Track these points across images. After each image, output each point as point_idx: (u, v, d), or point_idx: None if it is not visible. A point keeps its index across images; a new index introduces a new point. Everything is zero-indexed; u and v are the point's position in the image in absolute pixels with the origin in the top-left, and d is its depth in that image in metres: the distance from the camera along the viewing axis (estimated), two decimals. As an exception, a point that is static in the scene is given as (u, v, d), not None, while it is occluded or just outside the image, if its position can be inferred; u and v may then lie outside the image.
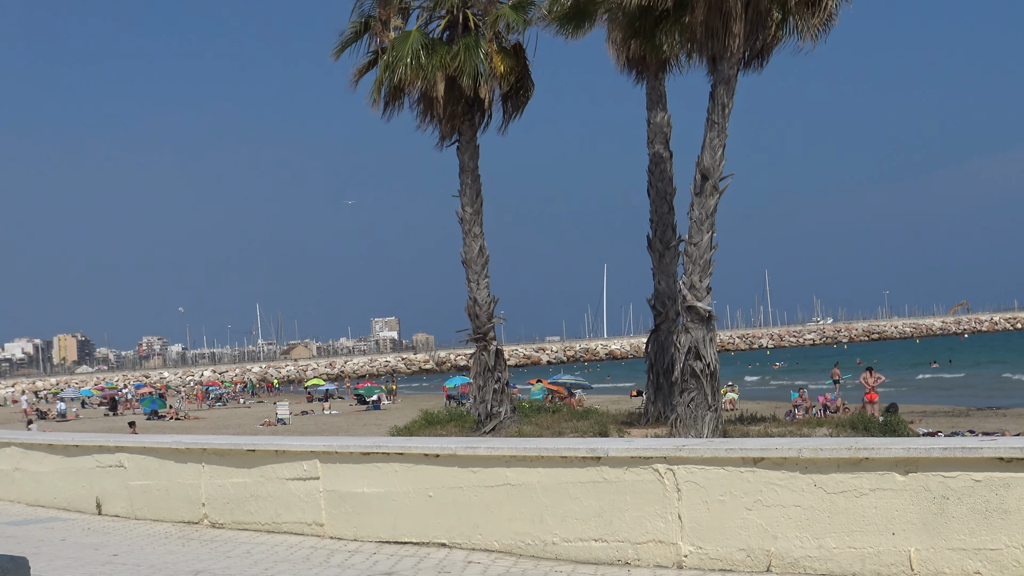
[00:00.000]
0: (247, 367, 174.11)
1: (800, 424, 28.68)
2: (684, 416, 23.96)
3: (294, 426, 53.53)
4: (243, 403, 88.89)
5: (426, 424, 33.12)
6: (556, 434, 27.57)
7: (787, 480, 9.21)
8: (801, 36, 25.15)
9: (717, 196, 24.21)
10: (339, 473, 12.54)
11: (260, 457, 13.57)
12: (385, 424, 43.62)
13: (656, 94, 31.57)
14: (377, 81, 31.23)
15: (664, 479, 9.86)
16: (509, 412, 31.21)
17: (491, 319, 31.74)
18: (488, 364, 31.40)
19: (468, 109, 31.56)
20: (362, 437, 16.75)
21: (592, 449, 10.38)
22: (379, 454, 12.14)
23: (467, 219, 31.51)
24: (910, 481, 8.64)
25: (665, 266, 30.86)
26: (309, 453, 12.93)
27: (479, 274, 31.61)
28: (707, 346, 24.06)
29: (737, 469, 9.47)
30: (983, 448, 8.37)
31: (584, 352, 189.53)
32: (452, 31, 31.60)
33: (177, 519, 14.74)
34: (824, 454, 9.03)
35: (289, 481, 13.11)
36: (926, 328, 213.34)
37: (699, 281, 24.22)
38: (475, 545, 11.17)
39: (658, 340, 31.02)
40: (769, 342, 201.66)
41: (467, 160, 31.57)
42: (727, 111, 24.17)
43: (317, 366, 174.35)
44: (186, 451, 14.74)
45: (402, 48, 30.33)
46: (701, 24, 23.85)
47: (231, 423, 58.72)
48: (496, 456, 11.07)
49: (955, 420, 40.35)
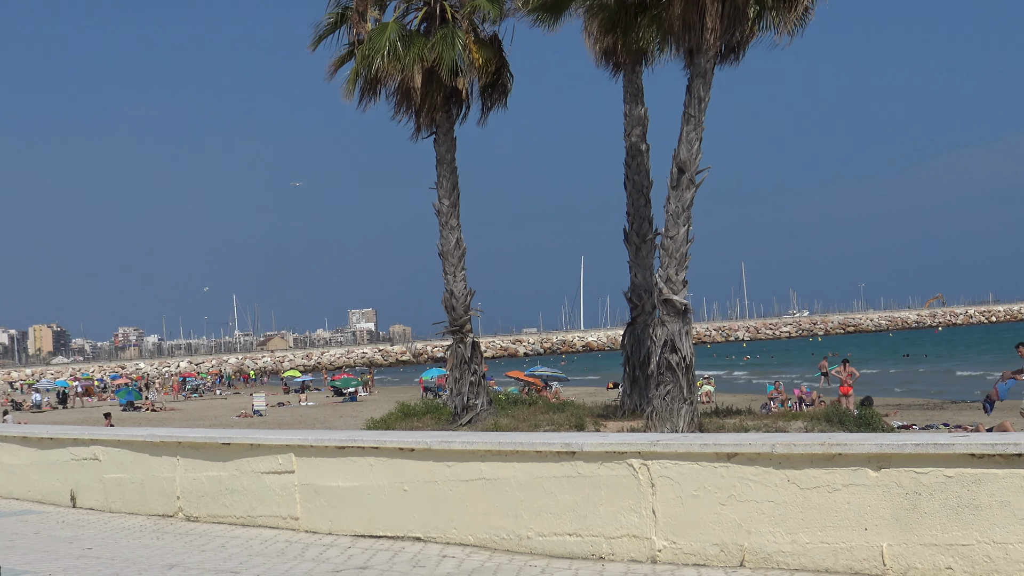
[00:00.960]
0: (224, 358, 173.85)
1: (775, 417, 28.76)
2: (660, 409, 23.96)
3: (270, 418, 53.38)
4: (219, 394, 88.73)
5: (402, 416, 33.10)
6: (532, 427, 27.59)
7: (761, 475, 9.24)
8: (778, 30, 25.15)
9: (694, 189, 24.21)
10: (314, 467, 12.54)
11: (235, 450, 13.55)
12: (362, 416, 43.57)
13: (633, 87, 31.57)
14: (353, 72, 31.13)
15: (638, 474, 9.88)
16: (485, 404, 31.20)
17: (468, 311, 31.73)
18: (465, 356, 31.39)
19: (445, 101, 31.51)
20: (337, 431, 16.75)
21: (567, 444, 10.40)
22: (354, 448, 12.13)
23: (444, 211, 31.47)
24: (883, 477, 8.68)
25: (642, 259, 30.89)
26: (284, 447, 12.92)
27: (456, 266, 31.58)
28: (683, 339, 24.07)
29: (711, 464, 9.50)
30: (955, 444, 8.41)
31: (561, 344, 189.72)
32: (429, 23, 31.55)
33: (152, 512, 14.71)
34: (797, 449, 9.07)
35: (264, 475, 13.10)
36: (901, 321, 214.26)
37: (675, 274, 24.22)
38: (450, 539, 11.18)
39: (634, 333, 31.05)
40: (745, 335, 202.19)
41: (444, 152, 31.53)
42: (704, 105, 24.16)
43: (294, 357, 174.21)
44: (161, 444, 14.72)
45: (379, 40, 30.25)
46: (678, 17, 23.83)
47: (207, 414, 58.59)
48: (471, 451, 11.08)
49: (929, 413, 40.50)
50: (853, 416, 28.07)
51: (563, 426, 27.38)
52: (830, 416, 27.43)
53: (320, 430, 25.69)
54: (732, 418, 28.09)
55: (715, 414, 30.20)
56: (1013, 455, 8.15)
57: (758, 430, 24.33)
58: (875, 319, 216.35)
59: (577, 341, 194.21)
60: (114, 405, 68.15)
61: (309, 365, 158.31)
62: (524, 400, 37.50)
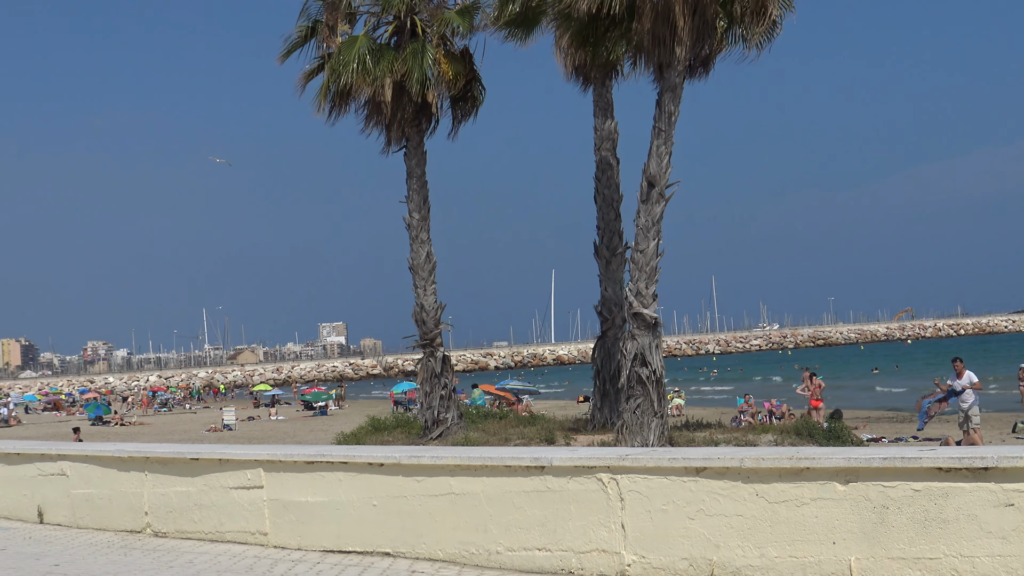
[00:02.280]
0: (193, 372, 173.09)
1: (746, 430, 28.80)
2: (630, 422, 23.98)
3: (240, 432, 53.17)
4: (189, 408, 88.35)
5: (373, 431, 33.02)
6: (503, 440, 27.57)
7: (729, 489, 9.26)
8: (746, 45, 25.26)
9: (663, 203, 24.28)
10: (283, 482, 12.50)
11: (204, 466, 13.49)
12: (332, 430, 43.45)
13: (603, 101, 31.64)
14: (324, 86, 31.10)
15: (608, 488, 9.88)
16: (456, 418, 31.14)
17: (438, 325, 31.68)
18: (435, 370, 31.32)
19: (416, 115, 31.48)
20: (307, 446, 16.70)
21: (536, 458, 10.39)
22: (323, 463, 12.10)
23: (414, 225, 31.44)
24: (851, 491, 8.71)
25: (612, 272, 30.92)
26: (253, 462, 12.88)
27: (426, 280, 31.55)
28: (653, 353, 24.11)
29: (680, 478, 9.52)
30: (922, 458, 8.45)
31: (532, 358, 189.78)
32: (399, 36, 31.51)
33: (120, 528, 14.63)
34: (766, 463, 9.09)
35: (233, 490, 13.05)
36: (871, 334, 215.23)
37: (645, 288, 24.26)
38: (419, 554, 11.15)
39: (605, 346, 31.07)
40: (716, 348, 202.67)
41: (414, 166, 31.50)
42: (673, 119, 24.24)
43: (264, 371, 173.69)
44: (129, 459, 14.64)
45: (349, 53, 30.22)
46: (648, 32, 23.91)
47: (177, 429, 58.29)
48: (440, 465, 11.06)
49: (899, 426, 40.62)
50: (823, 429, 28.17)
51: (534, 440, 27.36)
52: (800, 429, 27.50)
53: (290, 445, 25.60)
54: (702, 431, 28.13)
55: (685, 427, 30.26)
56: (980, 469, 8.20)
57: (728, 443, 24.38)
58: (845, 332, 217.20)
59: (548, 354, 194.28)
60: (83, 419, 67.78)
61: (279, 379, 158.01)
62: (495, 414, 37.47)
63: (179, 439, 47.28)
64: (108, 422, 65.84)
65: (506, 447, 18.02)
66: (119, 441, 26.68)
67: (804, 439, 25.96)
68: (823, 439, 26.25)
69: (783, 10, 24.60)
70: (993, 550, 8.15)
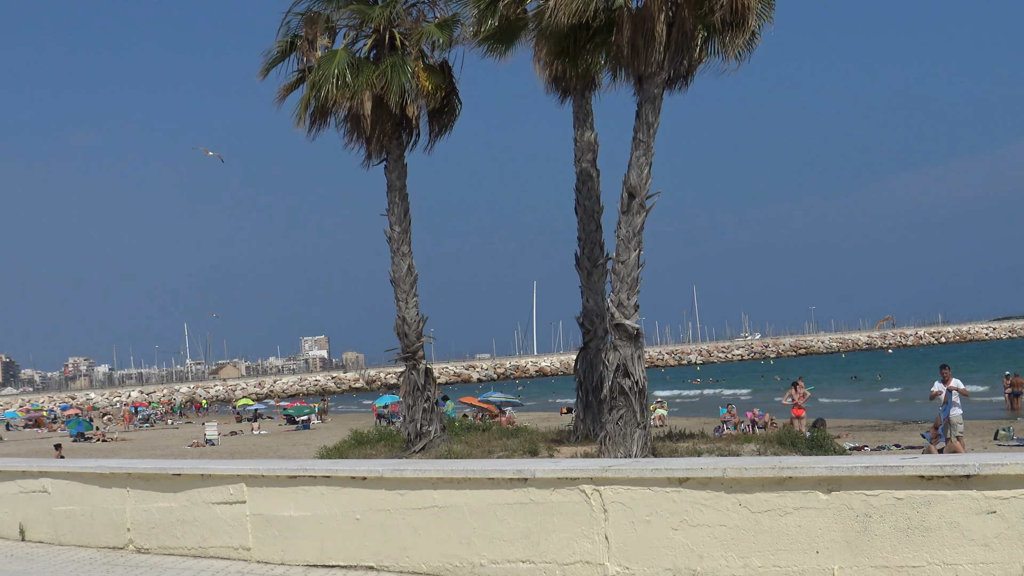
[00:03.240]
0: (175, 387, 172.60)
1: (728, 440, 28.83)
2: (613, 434, 24.00)
3: (223, 447, 53.05)
4: (171, 424, 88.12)
5: (356, 444, 32.98)
6: (486, 453, 27.56)
7: (712, 500, 9.25)
8: (725, 56, 25.36)
9: (644, 214, 24.32)
10: (266, 497, 12.46)
11: (186, 481, 13.45)
12: (314, 444, 43.37)
13: (583, 113, 31.69)
14: (303, 100, 31.10)
15: (591, 500, 9.87)
16: (439, 431, 31.12)
17: (420, 338, 31.66)
18: (418, 383, 31.30)
19: (396, 128, 31.50)
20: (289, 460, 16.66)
21: (519, 471, 10.38)
22: (306, 477, 12.07)
23: (395, 238, 31.44)
24: (833, 500, 8.71)
25: (593, 284, 30.94)
26: (235, 477, 12.84)
27: (408, 293, 31.54)
28: (635, 363, 24.13)
29: (663, 489, 9.51)
30: (904, 466, 8.45)
31: (514, 369, 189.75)
32: (379, 50, 31.55)
33: (102, 544, 14.57)
34: (748, 473, 9.08)
35: (215, 505, 13.01)
36: (852, 343, 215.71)
37: (627, 299, 24.30)
38: (403, 568, 11.13)
39: (587, 358, 31.08)
40: (698, 358, 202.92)
41: (395, 179, 31.51)
42: (653, 130, 24.30)
43: (246, 386, 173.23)
44: (111, 475, 14.59)
45: (328, 67, 30.24)
46: (627, 43, 23.97)
47: (159, 444, 58.14)
48: (423, 479, 11.04)
49: (881, 434, 40.71)
50: (805, 438, 28.19)
51: (517, 452, 27.35)
52: (782, 439, 27.51)
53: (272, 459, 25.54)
54: (685, 442, 28.15)
55: (668, 438, 30.29)
56: (962, 476, 8.20)
57: (711, 454, 24.39)
58: (826, 341, 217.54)
59: (530, 366, 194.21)
60: (64, 436, 67.54)
61: (262, 393, 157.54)
62: (478, 426, 37.46)
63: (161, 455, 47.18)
64: (90, 438, 65.60)
65: (489, 459, 18.01)
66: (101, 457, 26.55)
67: (787, 448, 25.99)
68: (806, 448, 26.27)
69: (762, 21, 24.71)
70: (976, 557, 8.15)
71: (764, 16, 24.85)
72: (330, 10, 31.60)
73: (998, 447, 32.70)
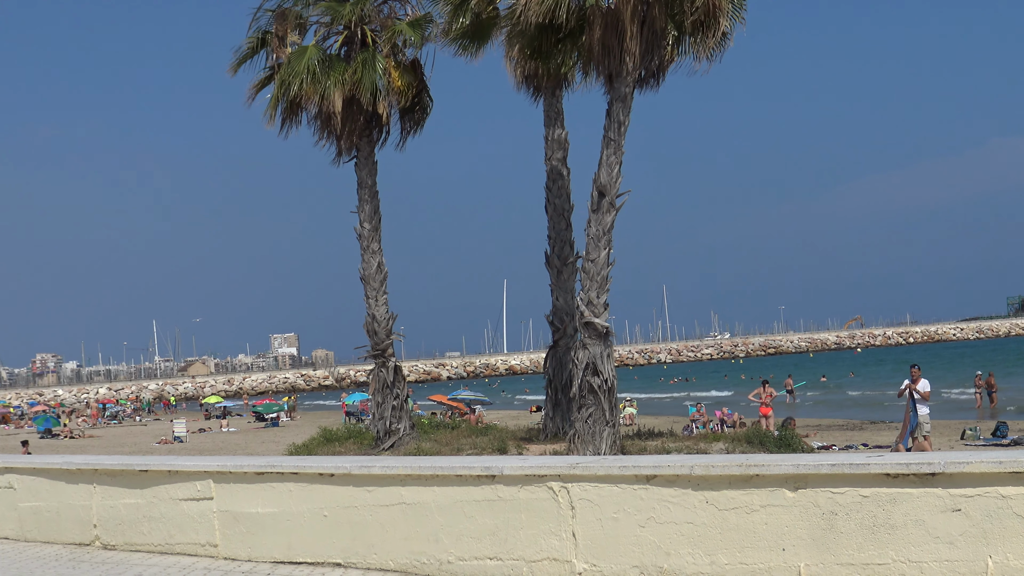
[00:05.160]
0: (143, 384, 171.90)
1: (697, 439, 28.92)
2: (582, 432, 24.04)
3: (191, 444, 52.88)
4: (139, 421, 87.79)
5: (325, 442, 32.96)
6: (455, 451, 27.58)
7: (679, 497, 9.28)
8: (696, 56, 25.45)
9: (614, 213, 24.37)
10: (233, 493, 12.42)
11: (153, 477, 13.40)
12: (283, 442, 43.29)
13: (554, 111, 31.73)
14: (274, 97, 31.06)
15: (558, 497, 9.88)
16: (408, 429, 31.13)
17: (390, 336, 31.67)
18: (387, 381, 31.30)
19: (366, 125, 31.49)
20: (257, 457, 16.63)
21: (487, 468, 10.38)
22: (274, 474, 12.04)
23: (365, 235, 31.42)
24: (800, 497, 8.74)
25: (563, 282, 30.98)
26: (203, 473, 12.80)
27: (377, 290, 31.53)
28: (605, 362, 24.18)
29: (630, 486, 9.53)
30: (870, 464, 8.49)
31: (484, 368, 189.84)
32: (350, 47, 31.54)
33: (68, 541, 14.50)
34: (716, 471, 9.11)
35: (182, 501, 12.96)
36: (821, 343, 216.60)
37: (596, 297, 24.34)
38: (370, 565, 11.11)
39: (556, 356, 31.13)
40: (667, 357, 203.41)
41: (365, 176, 31.49)
42: (623, 128, 24.35)
43: (215, 383, 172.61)
44: (77, 472, 14.52)
45: (299, 64, 30.21)
46: (598, 42, 24.01)
47: (127, 441, 57.89)
48: (391, 475, 11.03)
49: (849, 434, 40.87)
50: (774, 437, 28.31)
51: (486, 450, 27.39)
52: (751, 437, 27.65)
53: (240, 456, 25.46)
54: (654, 440, 28.23)
55: (637, 436, 30.36)
56: (927, 474, 8.25)
57: (680, 452, 24.48)
58: (795, 341, 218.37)
59: (500, 364, 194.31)
60: (32, 433, 67.19)
61: (231, 390, 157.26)
62: (447, 424, 37.46)
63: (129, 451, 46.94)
64: (57, 435, 65.23)
65: (458, 457, 18.01)
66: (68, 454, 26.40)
67: (755, 447, 26.11)
68: (774, 447, 26.39)
69: (732, 22, 24.80)
70: (941, 555, 8.20)
71: (736, 17, 24.94)
72: (301, 6, 31.59)
73: (964, 446, 32.91)
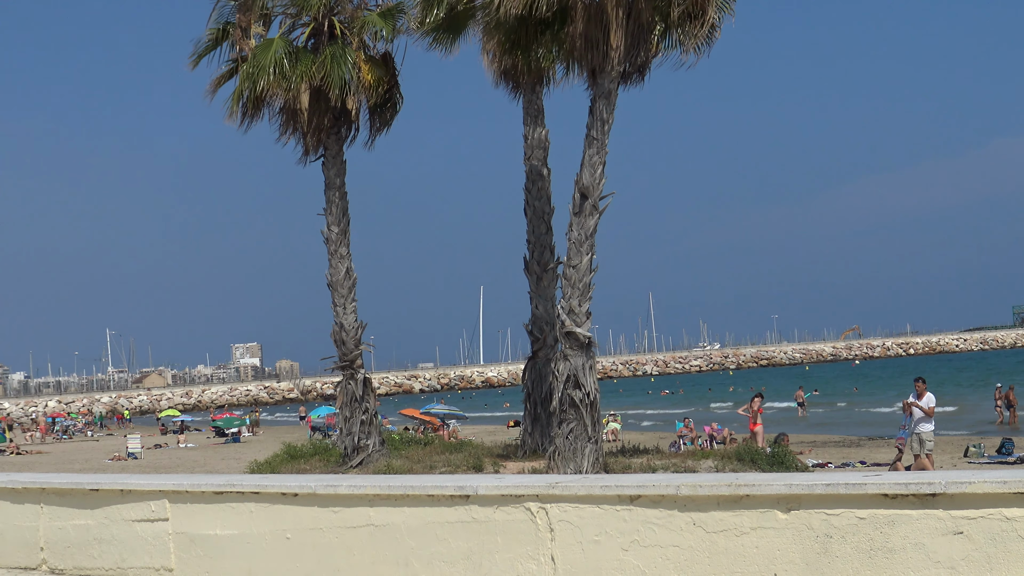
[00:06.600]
0: (96, 397, 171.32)
1: (684, 456, 28.93)
2: (563, 448, 24.00)
3: (146, 461, 52.76)
4: (91, 436, 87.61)
5: (288, 459, 32.84)
6: (427, 468, 27.52)
7: (665, 519, 9.26)
8: (684, 49, 25.42)
9: (597, 216, 24.36)
10: (190, 514, 12.36)
11: (104, 497, 13.32)
12: (245, 458, 43.19)
13: (533, 108, 31.68)
14: (236, 92, 30.95)
15: (536, 518, 9.86)
16: (378, 445, 31.05)
17: (359, 346, 31.59)
18: (355, 394, 31.21)
19: (334, 122, 31.42)
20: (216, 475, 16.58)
21: (460, 487, 10.36)
22: (233, 493, 11.99)
23: (333, 239, 31.36)
24: (792, 519, 8.73)
25: (543, 289, 30.94)
26: (158, 492, 12.74)
27: (346, 298, 31.47)
28: (587, 374, 24.15)
29: (613, 507, 9.51)
30: (867, 484, 8.48)
31: (459, 380, 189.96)
32: (317, 39, 31.44)
33: (12, 565, 14.40)
34: (703, 491, 9.10)
35: (136, 523, 12.89)
36: (816, 354, 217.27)
37: (578, 305, 24.32)
38: (336, 590, 11.07)
39: (536, 368, 31.08)
40: (654, 369, 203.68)
41: (333, 176, 31.43)
42: (607, 127, 24.34)
43: (172, 395, 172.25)
44: (23, 491, 14.42)
45: (264, 57, 30.10)
46: (580, 35, 23.98)
47: (77, 458, 57.68)
48: (358, 495, 10.99)
49: (846, 450, 41.00)
50: (766, 455, 28.34)
51: (460, 467, 27.33)
52: (742, 455, 27.66)
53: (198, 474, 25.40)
54: (639, 457, 28.22)
55: (621, 453, 30.34)
56: (927, 495, 8.24)
57: (666, 470, 24.48)
58: (789, 352, 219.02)
59: (476, 376, 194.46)
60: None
61: (189, 404, 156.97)
62: (419, 440, 37.41)
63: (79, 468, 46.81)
64: (3, 451, 64.99)
65: (430, 475, 17.98)
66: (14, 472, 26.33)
67: (746, 465, 26.12)
68: (766, 465, 26.41)
69: (721, 13, 24.79)
70: (941, 581, 8.21)
71: (725, 8, 24.95)
72: (265, -5, 31.49)
73: (968, 464, 32.99)
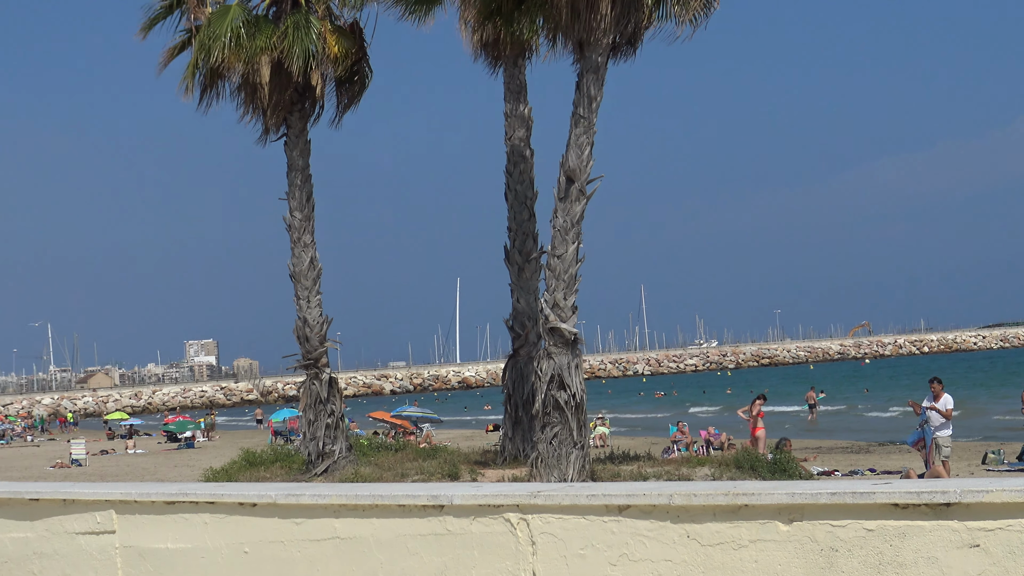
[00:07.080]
0: (36, 398, 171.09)
1: (678, 463, 28.98)
2: (546, 454, 24.01)
3: (92, 468, 52.70)
4: (31, 441, 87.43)
5: (247, 465, 32.85)
6: (399, 476, 27.56)
7: (657, 531, 9.26)
8: (679, 20, 25.40)
9: (584, 201, 24.36)
10: (139, 526, 12.34)
11: (45, 507, 13.29)
12: (199, 465, 43.17)
13: (515, 84, 31.70)
14: (191, 65, 30.88)
15: (517, 530, 9.86)
16: (344, 451, 31.05)
17: (324, 342, 31.58)
18: (320, 395, 31.21)
19: (298, 98, 31.39)
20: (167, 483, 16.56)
21: (434, 496, 10.35)
22: (186, 503, 11.97)
23: (296, 226, 31.32)
24: (794, 531, 8.73)
25: (525, 281, 30.96)
26: (103, 502, 12.70)
27: (310, 290, 31.44)
28: (572, 374, 24.15)
29: (600, 518, 9.50)
30: (876, 493, 8.48)
31: (434, 380, 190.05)
32: (279, 7, 31.39)
33: (-56, 582, 14.39)
34: (698, 500, 9.10)
35: (79, 535, 12.86)
36: (823, 352, 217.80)
37: (563, 299, 24.32)
38: (298, 609, 11.07)
39: (516, 366, 31.12)
40: (646, 368, 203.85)
41: (296, 157, 31.39)
42: (595, 104, 24.33)
43: (120, 397, 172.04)
44: (-44, 501, 14.40)
45: (220, 25, 30.02)
46: (566, 4, 23.96)
47: (15, 465, 57.58)
48: (323, 505, 10.98)
49: (854, 457, 41.04)
50: (767, 461, 28.38)
51: (435, 475, 27.39)
52: (740, 461, 27.71)
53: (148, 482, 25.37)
54: (629, 464, 28.28)
55: (610, 460, 30.39)
56: (941, 505, 8.24)
57: (658, 478, 24.54)
58: (793, 350, 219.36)
59: (452, 376, 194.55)
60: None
61: (138, 406, 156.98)
62: (390, 446, 37.43)
63: (18, 476, 46.74)
64: (-65, 458, 64.90)
65: (401, 484, 17.98)
66: (-53, 479, 26.33)
67: (745, 472, 26.20)
68: (767, 472, 26.47)
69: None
70: (956, 598, 8.23)
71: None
72: (222, -43, 31.44)
73: (986, 472, 33.07)
